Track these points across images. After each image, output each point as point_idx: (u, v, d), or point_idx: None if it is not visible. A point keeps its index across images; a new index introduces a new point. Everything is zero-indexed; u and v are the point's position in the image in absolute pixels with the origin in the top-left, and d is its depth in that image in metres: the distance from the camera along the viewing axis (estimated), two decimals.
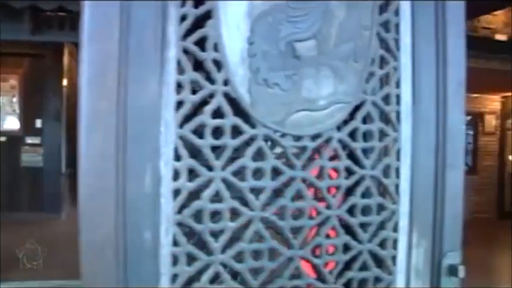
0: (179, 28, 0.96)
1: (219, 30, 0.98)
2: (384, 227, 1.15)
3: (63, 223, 8.23)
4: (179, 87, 0.97)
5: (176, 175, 0.96)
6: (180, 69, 0.97)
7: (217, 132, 0.99)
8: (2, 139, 8.90)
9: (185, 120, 0.97)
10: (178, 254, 0.97)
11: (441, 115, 1.19)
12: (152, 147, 0.95)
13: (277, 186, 1.04)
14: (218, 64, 0.98)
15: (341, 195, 1.11)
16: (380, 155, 1.15)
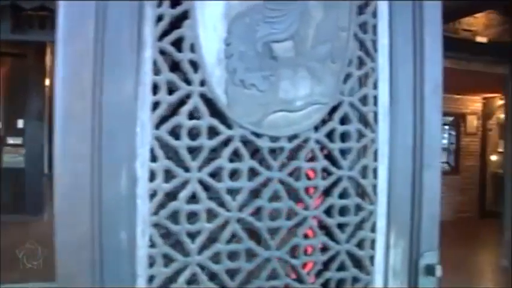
0: (155, 28, 0.96)
1: (196, 30, 0.98)
2: (362, 228, 1.16)
3: (45, 224, 8.13)
4: (155, 88, 0.96)
5: (152, 176, 0.96)
6: (157, 69, 0.96)
7: (194, 133, 0.99)
8: None
9: (162, 121, 0.97)
10: (154, 255, 0.97)
11: (418, 116, 1.20)
12: (128, 148, 0.94)
13: (254, 187, 1.04)
14: (195, 65, 0.98)
15: (319, 196, 1.11)
16: (357, 156, 1.15)
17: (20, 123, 8.95)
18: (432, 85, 1.21)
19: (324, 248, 1.13)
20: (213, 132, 1.00)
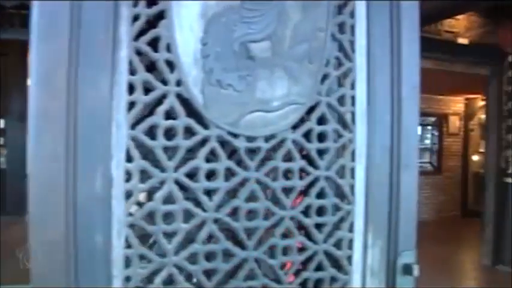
0: (131, 28, 0.95)
1: (172, 30, 0.97)
2: (340, 228, 1.16)
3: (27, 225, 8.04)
4: (131, 87, 0.95)
5: (128, 177, 0.95)
6: (132, 69, 0.96)
7: (170, 133, 0.99)
8: None
9: (138, 121, 0.96)
10: (130, 256, 0.96)
11: (396, 116, 1.20)
12: (103, 148, 0.94)
13: (230, 187, 1.03)
14: (171, 65, 0.98)
15: (296, 196, 1.11)
16: (335, 156, 1.16)
17: (1, 123, 8.86)
18: (410, 85, 1.22)
19: (302, 248, 1.13)
20: (190, 132, 1.00)
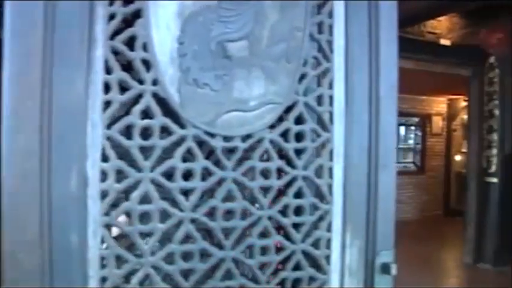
0: (107, 27, 0.95)
1: (149, 29, 0.97)
2: (318, 227, 1.16)
3: None
4: (107, 87, 0.95)
5: (104, 176, 0.94)
6: (108, 68, 0.95)
7: (147, 133, 0.98)
8: None
9: (113, 120, 0.96)
10: (106, 257, 0.95)
11: (374, 116, 1.21)
12: (78, 148, 0.93)
13: (207, 187, 1.03)
14: (147, 64, 0.97)
15: (273, 195, 1.11)
16: (313, 156, 1.16)
17: None
18: (387, 85, 1.23)
19: (280, 248, 1.13)
20: (166, 131, 0.99)
